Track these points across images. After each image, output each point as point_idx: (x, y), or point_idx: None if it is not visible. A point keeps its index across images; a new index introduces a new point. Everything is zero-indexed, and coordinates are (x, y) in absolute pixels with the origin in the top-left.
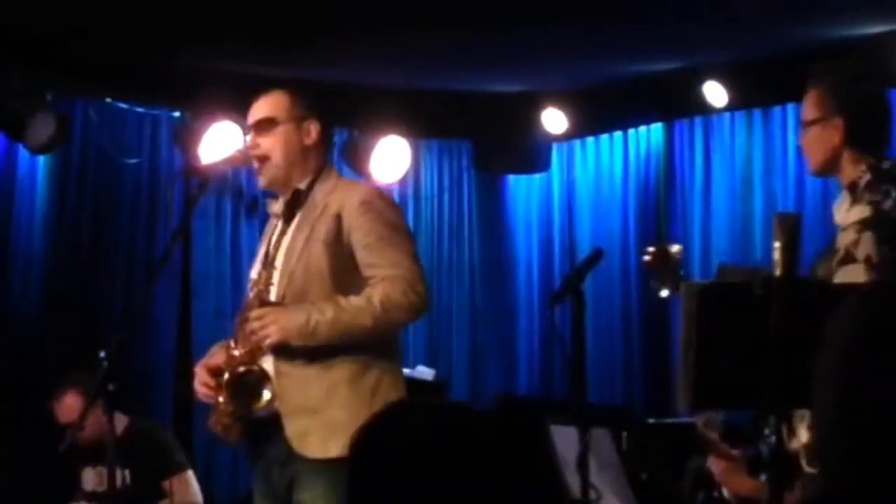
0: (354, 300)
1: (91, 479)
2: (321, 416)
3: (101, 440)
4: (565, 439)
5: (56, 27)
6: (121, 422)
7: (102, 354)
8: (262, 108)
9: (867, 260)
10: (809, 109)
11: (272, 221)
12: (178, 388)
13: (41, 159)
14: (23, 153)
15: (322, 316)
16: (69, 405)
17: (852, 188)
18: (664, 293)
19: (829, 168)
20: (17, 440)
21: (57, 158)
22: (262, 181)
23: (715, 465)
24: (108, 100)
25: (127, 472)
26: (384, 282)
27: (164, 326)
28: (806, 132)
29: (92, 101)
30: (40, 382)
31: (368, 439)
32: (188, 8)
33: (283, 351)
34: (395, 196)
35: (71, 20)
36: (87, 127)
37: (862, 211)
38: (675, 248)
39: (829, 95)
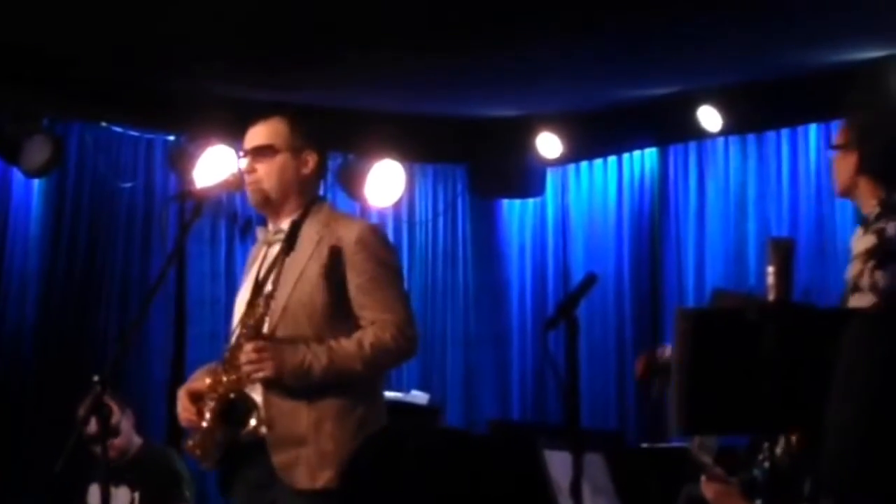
0: (347, 345)
1: (96, 495)
2: (309, 447)
3: (120, 455)
4: (559, 464)
5: (51, 51)
6: (136, 442)
7: (96, 378)
8: (261, 134)
9: (873, 287)
10: (838, 135)
11: (258, 248)
12: (172, 413)
13: (36, 183)
14: (18, 176)
15: (317, 360)
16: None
17: (865, 222)
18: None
19: (848, 193)
20: (15, 460)
21: (52, 182)
22: (251, 200)
23: (708, 488)
24: (104, 123)
25: (137, 495)
26: (375, 326)
27: (158, 350)
28: (835, 155)
29: (87, 124)
30: (36, 405)
31: (360, 465)
32: (184, 32)
33: (272, 383)
34: (390, 220)
35: (66, 44)
36: (83, 150)
37: (868, 241)
38: (666, 350)
39: (852, 126)
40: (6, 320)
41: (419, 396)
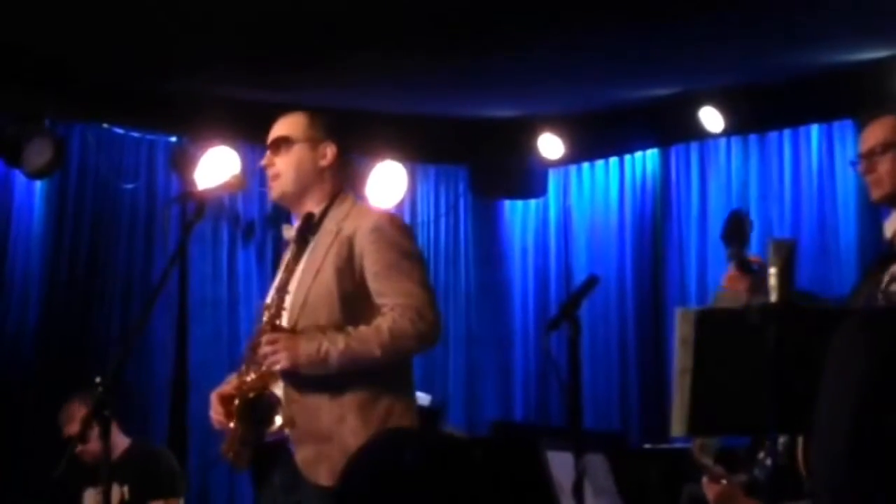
0: (364, 330)
1: (92, 498)
2: (332, 443)
3: (97, 458)
4: (561, 465)
5: (53, 52)
6: (123, 443)
7: (98, 379)
8: (280, 127)
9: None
10: (888, 134)
11: (289, 248)
12: (175, 413)
13: (38, 184)
14: (19, 178)
15: (333, 346)
16: (76, 417)
17: None
18: (726, 279)
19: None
20: (15, 462)
21: (54, 183)
22: (271, 194)
23: (710, 489)
24: (105, 125)
25: (126, 489)
26: (394, 311)
27: (160, 351)
28: (880, 158)
29: (89, 125)
30: (37, 406)
31: (359, 468)
32: (185, 33)
33: (293, 378)
34: None
35: (68, 45)
36: (84, 152)
37: None
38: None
39: None
40: (8, 321)
41: (421, 397)
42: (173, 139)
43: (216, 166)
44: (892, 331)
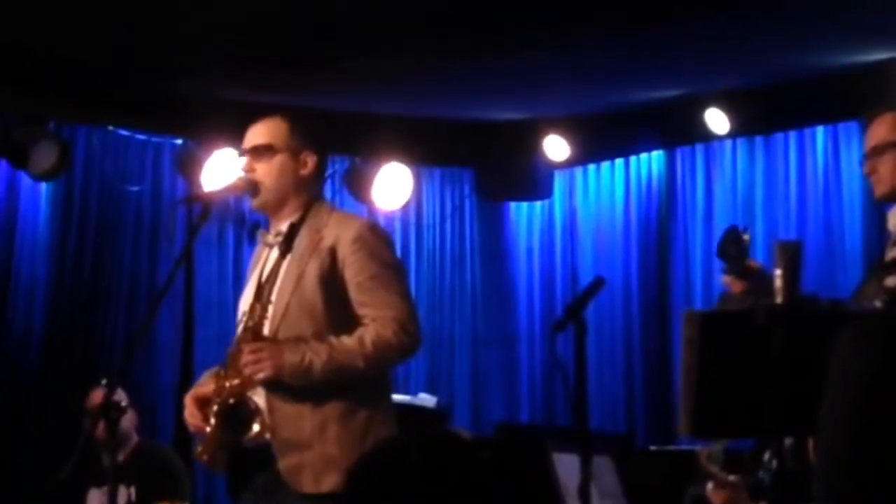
0: (347, 342)
1: (96, 499)
2: (314, 451)
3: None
4: (567, 467)
5: (58, 54)
6: (133, 440)
7: (104, 381)
8: (260, 133)
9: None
10: (887, 133)
11: (260, 250)
12: (181, 415)
13: (44, 186)
14: (25, 180)
15: (317, 357)
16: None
17: None
18: (725, 279)
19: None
20: (21, 463)
21: (59, 186)
22: (253, 203)
23: (716, 495)
24: (111, 127)
25: (132, 490)
26: (376, 322)
27: (166, 353)
28: (880, 157)
29: (94, 128)
30: (43, 407)
31: (366, 474)
32: (191, 36)
33: (275, 386)
34: (397, 223)
35: (73, 47)
36: (90, 154)
37: None
38: (746, 236)
39: None
40: (14, 323)
41: (427, 399)
42: (179, 141)
43: (221, 168)
44: (888, 336)
